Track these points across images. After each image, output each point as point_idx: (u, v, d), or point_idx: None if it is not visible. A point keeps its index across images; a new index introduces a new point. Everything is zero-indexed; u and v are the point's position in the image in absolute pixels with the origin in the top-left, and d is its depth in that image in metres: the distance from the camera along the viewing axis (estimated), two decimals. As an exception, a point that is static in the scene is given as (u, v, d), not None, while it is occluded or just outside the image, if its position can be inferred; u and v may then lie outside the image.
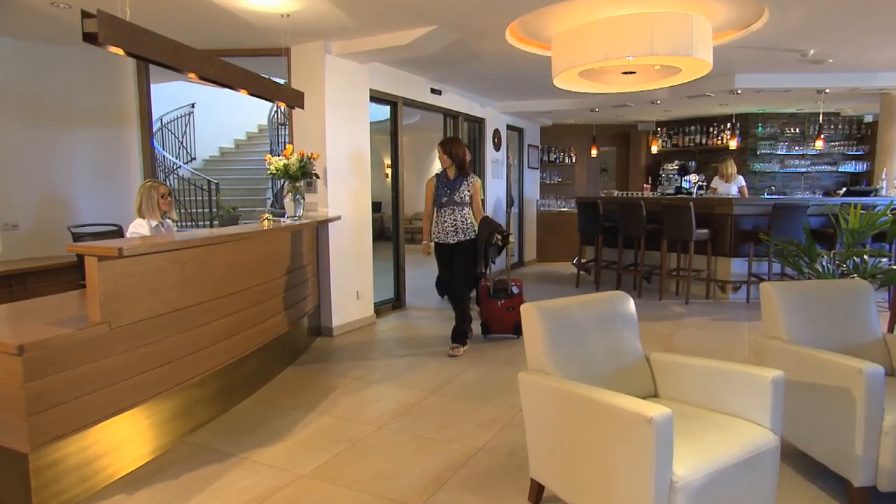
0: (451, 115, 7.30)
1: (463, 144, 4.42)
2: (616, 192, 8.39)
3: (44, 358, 2.22)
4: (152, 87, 5.42)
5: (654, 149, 10.20)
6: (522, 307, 2.37)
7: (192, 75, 2.84)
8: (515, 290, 4.92)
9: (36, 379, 2.19)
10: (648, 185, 9.33)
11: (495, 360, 4.42)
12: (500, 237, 4.33)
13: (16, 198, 4.70)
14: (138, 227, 3.62)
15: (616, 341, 2.47)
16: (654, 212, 6.69)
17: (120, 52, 2.36)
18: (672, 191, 8.36)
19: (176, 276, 2.91)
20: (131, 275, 2.61)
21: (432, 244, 4.65)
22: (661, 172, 10.05)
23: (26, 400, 2.16)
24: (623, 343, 2.49)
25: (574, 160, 10.92)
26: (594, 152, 10.32)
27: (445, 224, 4.41)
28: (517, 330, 4.73)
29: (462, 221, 4.37)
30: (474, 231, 4.39)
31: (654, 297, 6.65)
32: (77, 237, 3.98)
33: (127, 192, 5.09)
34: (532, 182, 9.97)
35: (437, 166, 12.36)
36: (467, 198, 4.38)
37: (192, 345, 3.03)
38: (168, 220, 3.79)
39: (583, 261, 7.69)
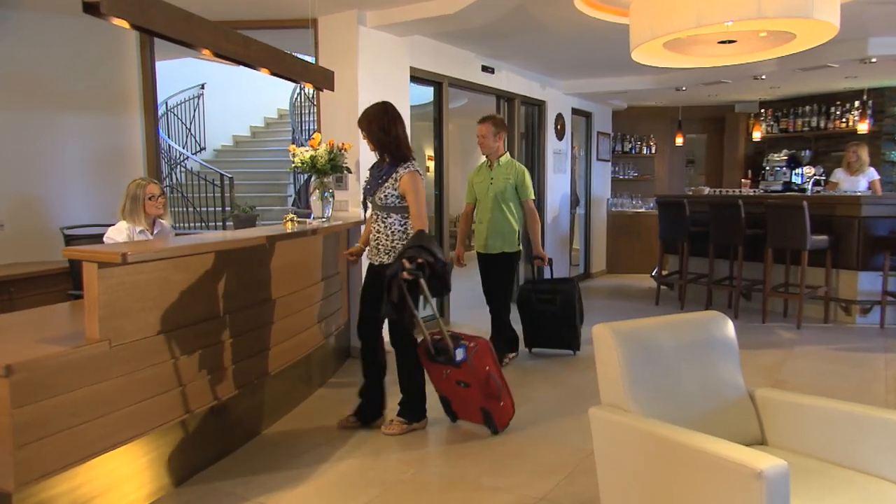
0: (505, 98, 7.27)
1: (389, 113, 3.49)
2: (707, 190, 8.20)
3: (34, 380, 2.28)
4: (157, 64, 5.59)
5: (757, 135, 9.88)
6: (595, 329, 2.30)
7: (206, 52, 2.90)
8: (461, 354, 3.42)
9: (24, 405, 2.24)
10: (748, 181, 9.07)
11: (556, 388, 4.40)
12: (407, 270, 3.20)
13: (0, 193, 4.86)
14: (115, 234, 3.65)
15: (711, 373, 2.37)
16: (755, 213, 6.46)
17: (125, 24, 2.43)
18: (779, 187, 8.10)
19: (185, 287, 2.96)
20: (135, 285, 2.67)
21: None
22: (764, 164, 9.70)
23: (13, 430, 2.21)
24: (720, 376, 2.39)
25: (654, 150, 10.71)
26: (679, 140, 10.10)
27: (371, 237, 3.65)
28: (489, 423, 3.57)
29: (386, 235, 3.52)
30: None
31: (754, 318, 6.43)
32: (70, 239, 4.11)
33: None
34: (602, 177, 9.85)
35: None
36: (393, 200, 3.49)
37: (202, 367, 3.09)
38: (162, 222, 3.84)
39: (664, 273, 7.58)
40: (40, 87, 5.06)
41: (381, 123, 3.47)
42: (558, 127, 8.30)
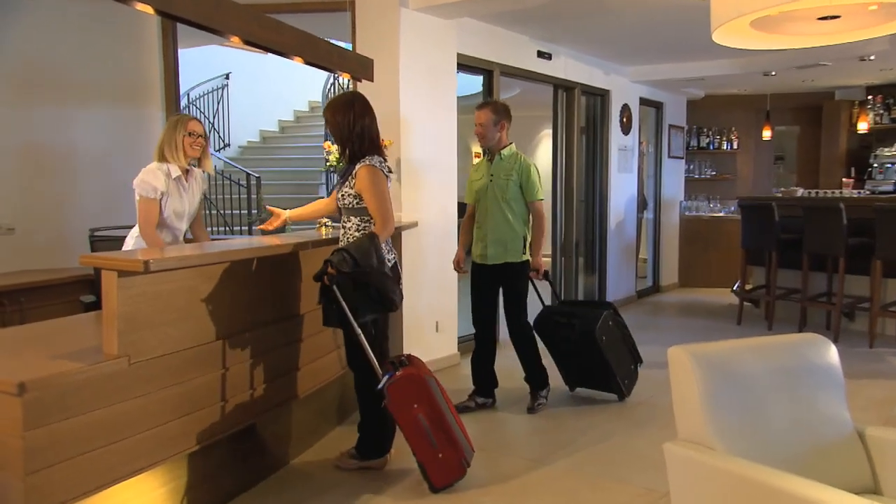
0: (563, 87, 7.25)
1: (357, 105, 3.47)
2: (800, 191, 8.00)
3: (48, 400, 2.34)
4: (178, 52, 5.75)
5: (862, 126, 9.57)
6: (671, 352, 2.27)
7: (235, 39, 2.97)
8: (386, 379, 3.24)
9: (37, 427, 2.31)
10: (851, 180, 8.83)
11: (623, 417, 4.37)
12: (329, 271, 3.16)
13: (10, 193, 4.99)
14: (149, 176, 3.55)
15: (810, 406, 2.31)
16: (860, 219, 6.26)
17: (149, 9, 2.50)
18: (890, 187, 7.88)
19: (211, 299, 3.03)
20: (157, 295, 2.74)
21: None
22: (871, 161, 9.44)
23: (24, 454, 2.27)
24: (821, 409, 2.32)
25: (736, 145, 10.51)
26: (767, 134, 9.89)
27: None
28: (424, 476, 3.33)
29: (345, 241, 3.51)
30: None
31: (859, 342, 6.23)
32: (95, 243, 4.23)
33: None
34: (674, 177, 9.72)
35: (541, 154, 12.31)
36: (350, 200, 3.46)
37: (228, 388, 3.15)
38: (197, 170, 3.77)
39: (747, 287, 7.44)
40: (53, 78, 5.21)
41: (346, 116, 3.43)
42: (624, 119, 8.22)
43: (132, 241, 3.69)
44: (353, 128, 3.43)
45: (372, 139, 3.47)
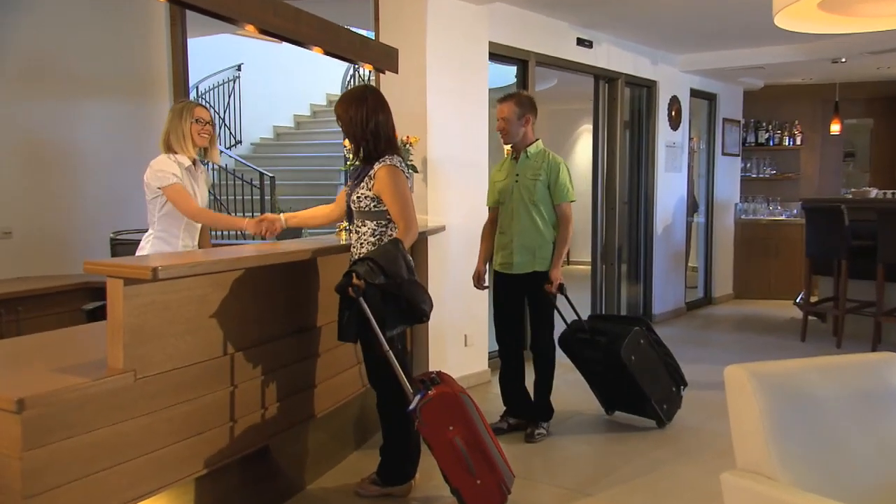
0: (605, 78, 7.23)
1: (370, 100, 3.45)
2: (874, 192, 7.88)
3: (49, 418, 2.38)
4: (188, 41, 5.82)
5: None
6: (728, 372, 2.24)
7: (250, 28, 3.01)
8: (418, 399, 3.21)
9: (37, 446, 2.34)
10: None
11: (671, 444, 4.33)
12: (355, 282, 3.14)
13: (6, 194, 5.06)
14: (162, 165, 3.60)
15: (891, 435, 2.26)
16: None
17: (159, -2, 2.54)
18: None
19: (223, 309, 3.06)
20: (166, 305, 2.78)
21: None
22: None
23: (23, 475, 2.29)
24: (902, 439, 2.26)
25: (799, 141, 10.38)
26: (835, 128, 9.75)
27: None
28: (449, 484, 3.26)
29: (356, 248, 3.52)
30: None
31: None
32: (117, 247, 4.31)
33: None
34: (728, 176, 9.65)
35: (580, 151, 12.28)
36: (367, 203, 3.47)
37: (242, 406, 3.17)
38: (202, 166, 3.82)
39: (813, 300, 7.34)
40: (53, 70, 5.30)
41: (358, 111, 3.43)
42: (672, 113, 8.17)
43: (148, 245, 3.73)
44: (367, 124, 3.42)
45: (388, 137, 3.48)
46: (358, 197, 3.48)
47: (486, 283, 4.64)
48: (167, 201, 3.65)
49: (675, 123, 8.23)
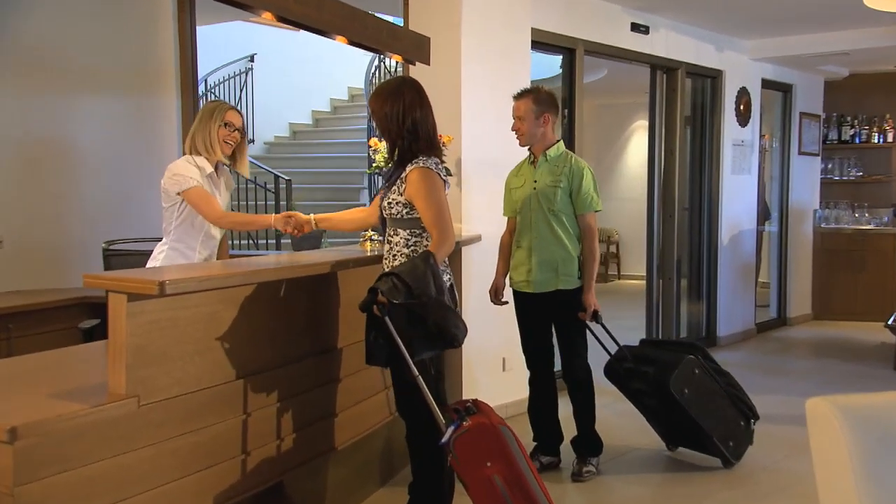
0: (663, 68, 7.20)
1: (407, 93, 3.45)
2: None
3: (43, 448, 2.39)
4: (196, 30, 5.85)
5: None
6: (810, 406, 2.20)
7: (267, 15, 3.03)
8: (452, 431, 3.13)
9: (30, 480, 2.34)
10: None
11: (744, 485, 4.27)
12: (379, 299, 3.10)
13: (-2, 199, 5.13)
14: (181, 169, 3.66)
15: None
16: None
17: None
18: None
19: (236, 327, 3.08)
20: (173, 323, 2.80)
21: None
22: None
23: (14, 513, 2.32)
24: None
25: (891, 137, 10.17)
26: (933, 123, 9.56)
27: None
28: None
29: (388, 260, 3.53)
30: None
31: None
32: (110, 258, 4.33)
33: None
34: (806, 178, 9.55)
35: (633, 150, 12.21)
36: (399, 209, 3.46)
37: (256, 436, 3.18)
38: (226, 172, 3.88)
39: (908, 321, 7.17)
40: (49, 64, 5.35)
41: (394, 106, 3.42)
42: (741, 107, 8.10)
43: (161, 255, 3.77)
44: (403, 121, 3.41)
45: (427, 136, 3.46)
46: (389, 203, 3.47)
47: (506, 299, 4.61)
48: (185, 209, 3.70)
49: (743, 119, 8.15)
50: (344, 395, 3.77)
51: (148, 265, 3.78)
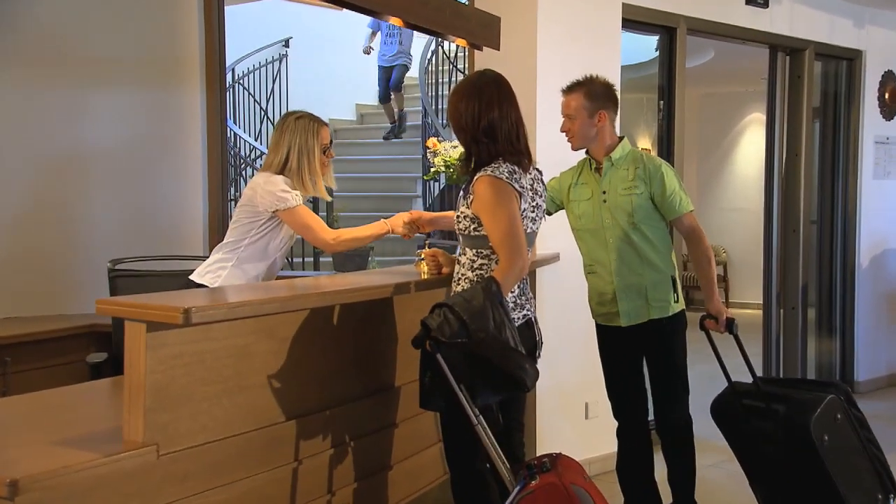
0: (785, 48, 7.14)
1: (488, 89, 3.51)
2: None
3: (48, 504, 2.44)
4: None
5: None
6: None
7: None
8: (516, 492, 3.15)
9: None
10: None
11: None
12: (432, 330, 3.10)
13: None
14: (279, 187, 3.77)
15: None
16: None
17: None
18: None
19: (271, 363, 3.12)
20: (199, 358, 2.84)
21: None
22: None
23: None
24: None
25: None
26: None
27: None
28: None
29: (456, 280, 3.61)
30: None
31: None
32: (116, 280, 4.39)
33: (184, 196, 5.56)
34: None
35: (746, 149, 12.07)
36: (466, 224, 3.52)
37: (296, 492, 3.20)
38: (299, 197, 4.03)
39: None
40: (56, 53, 5.46)
41: (470, 104, 3.45)
42: (886, 96, 7.94)
43: (224, 273, 3.85)
44: (479, 122, 3.43)
45: (509, 139, 3.47)
46: (458, 216, 3.51)
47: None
48: (268, 229, 3.85)
49: (889, 110, 7.99)
50: (400, 445, 3.79)
51: (198, 279, 3.86)
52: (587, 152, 4.36)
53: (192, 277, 3.89)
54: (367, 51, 10.18)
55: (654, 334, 4.23)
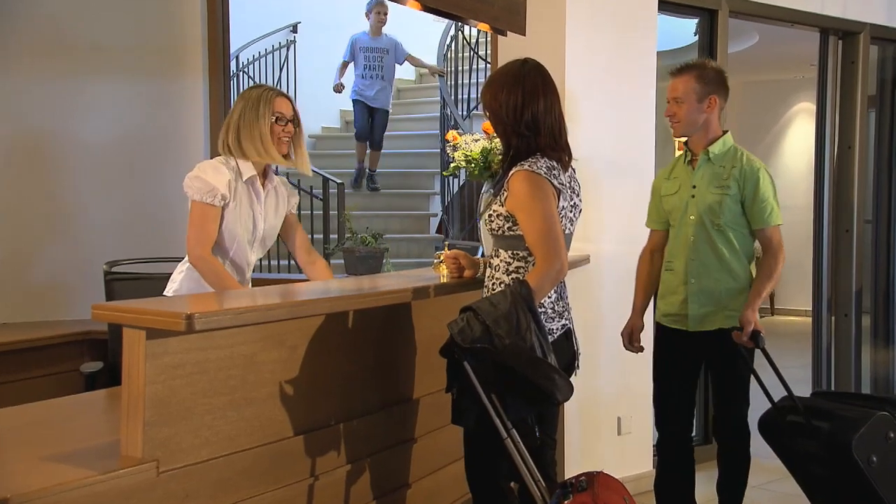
0: (837, 32, 7.10)
1: (528, 79, 3.51)
2: None
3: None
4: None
5: None
6: None
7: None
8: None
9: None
10: None
11: None
12: (453, 335, 3.14)
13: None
14: (207, 173, 3.73)
15: None
16: None
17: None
18: None
19: (277, 372, 3.13)
20: (202, 367, 2.85)
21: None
22: None
23: None
24: None
25: None
26: None
27: None
28: None
29: (490, 285, 3.60)
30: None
31: None
32: (112, 283, 4.42)
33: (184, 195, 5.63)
34: None
35: (793, 142, 12.02)
36: (499, 224, 3.53)
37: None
38: (279, 179, 3.99)
39: None
40: (49, 40, 5.51)
41: (510, 96, 3.47)
42: (946, 83, 7.90)
43: (180, 276, 3.88)
44: (522, 114, 3.45)
45: (552, 133, 3.48)
46: (490, 215, 3.52)
47: (640, 345, 4.55)
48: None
49: (949, 99, 7.95)
50: (419, 461, 3.80)
51: (167, 291, 3.88)
52: (686, 143, 4.39)
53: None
54: (339, 88, 9.38)
55: (718, 343, 4.23)
